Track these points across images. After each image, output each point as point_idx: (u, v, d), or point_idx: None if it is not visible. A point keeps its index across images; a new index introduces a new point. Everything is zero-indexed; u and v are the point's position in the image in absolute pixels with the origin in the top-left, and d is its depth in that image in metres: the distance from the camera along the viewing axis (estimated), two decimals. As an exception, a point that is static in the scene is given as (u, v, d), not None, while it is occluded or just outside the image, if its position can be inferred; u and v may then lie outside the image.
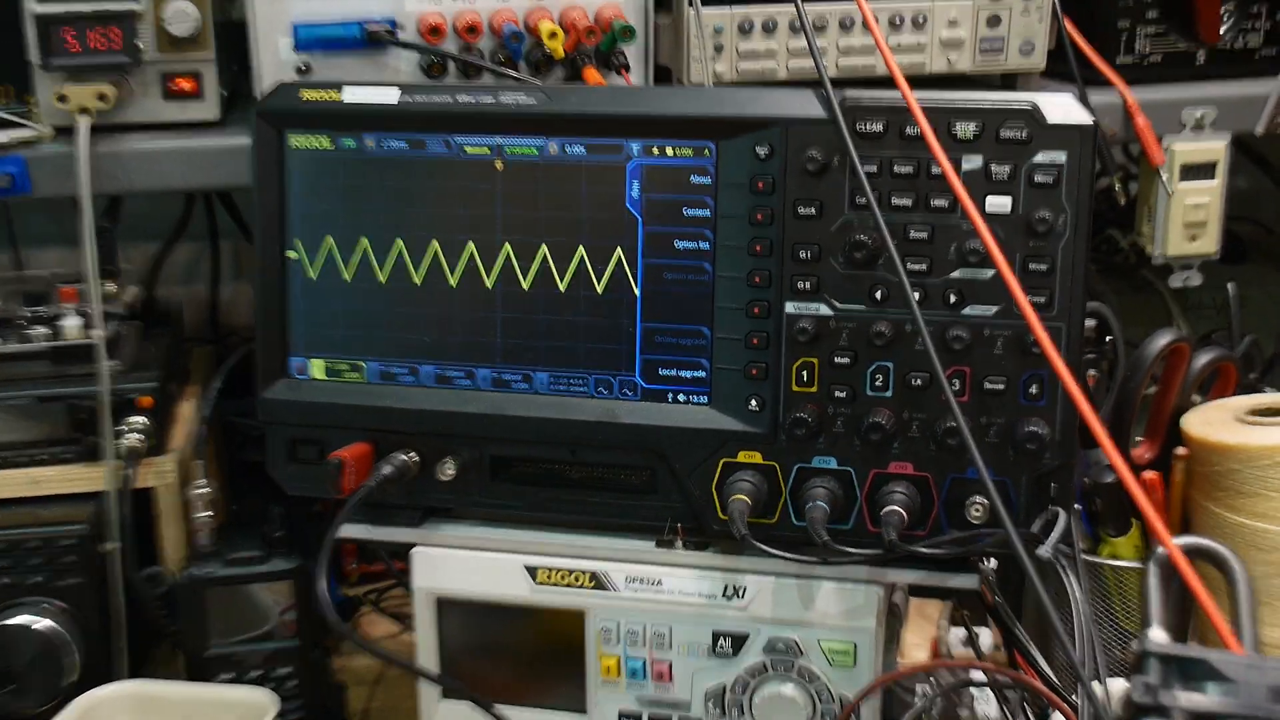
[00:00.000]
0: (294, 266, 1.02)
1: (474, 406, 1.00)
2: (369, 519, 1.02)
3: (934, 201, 0.90)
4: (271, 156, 1.01)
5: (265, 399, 1.02)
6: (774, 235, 0.93)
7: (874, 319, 0.92)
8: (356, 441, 1.00)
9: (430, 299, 1.00)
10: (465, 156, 0.98)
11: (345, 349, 1.02)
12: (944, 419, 0.91)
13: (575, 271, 0.97)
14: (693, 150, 0.94)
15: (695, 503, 0.97)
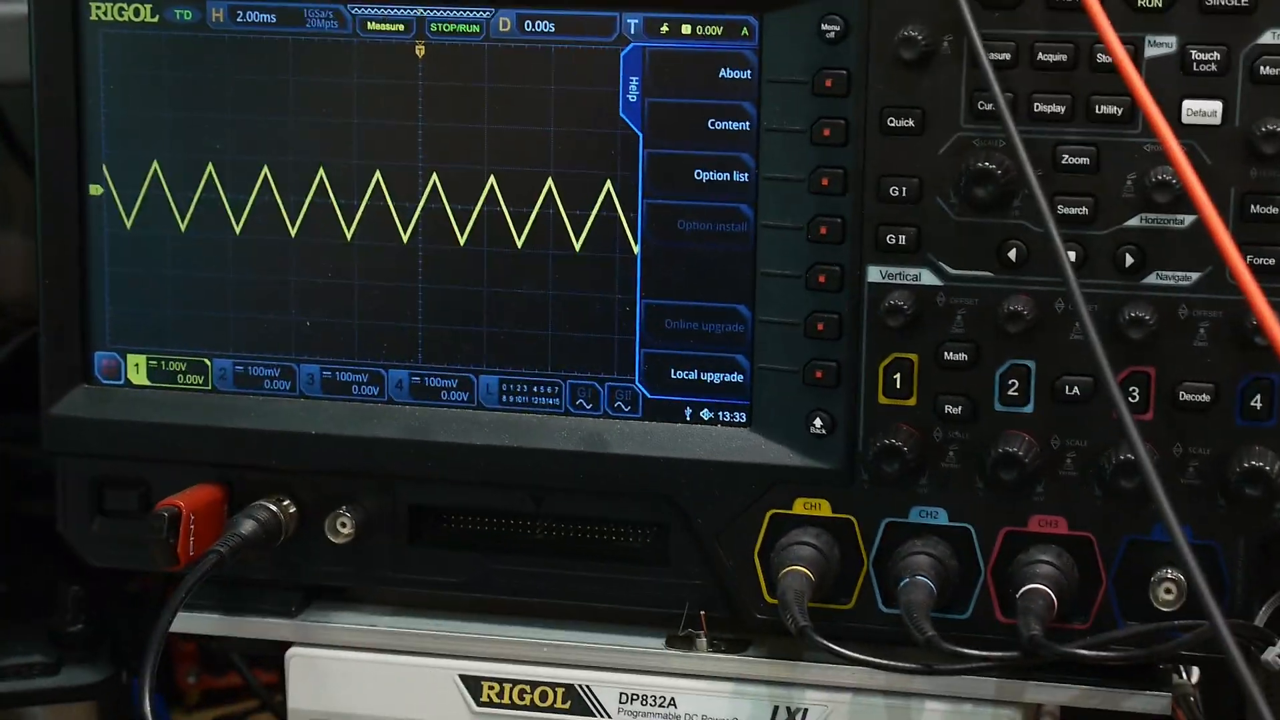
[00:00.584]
0: (99, 210, 1.03)
1: (383, 428, 1.01)
2: (219, 605, 1.04)
3: (1100, 108, 0.91)
4: (60, 34, 1.02)
5: (54, 416, 1.04)
6: (849, 162, 0.94)
7: (1006, 292, 0.94)
8: (200, 483, 1.02)
9: (313, 261, 1.02)
10: (367, 37, 1.00)
11: (180, 339, 1.04)
12: (1115, 449, 0.93)
13: (539, 219, 0.99)
14: (723, 27, 0.96)
15: (727, 578, 0.99)
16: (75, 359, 1.04)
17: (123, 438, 1.03)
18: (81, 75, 1.02)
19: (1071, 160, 0.92)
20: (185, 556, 0.98)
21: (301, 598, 1.04)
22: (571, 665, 1.00)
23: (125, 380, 1.04)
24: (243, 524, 1.00)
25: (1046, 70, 0.91)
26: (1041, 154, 0.92)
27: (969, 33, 0.91)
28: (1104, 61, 0.90)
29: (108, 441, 1.03)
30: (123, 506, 1.04)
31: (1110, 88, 0.91)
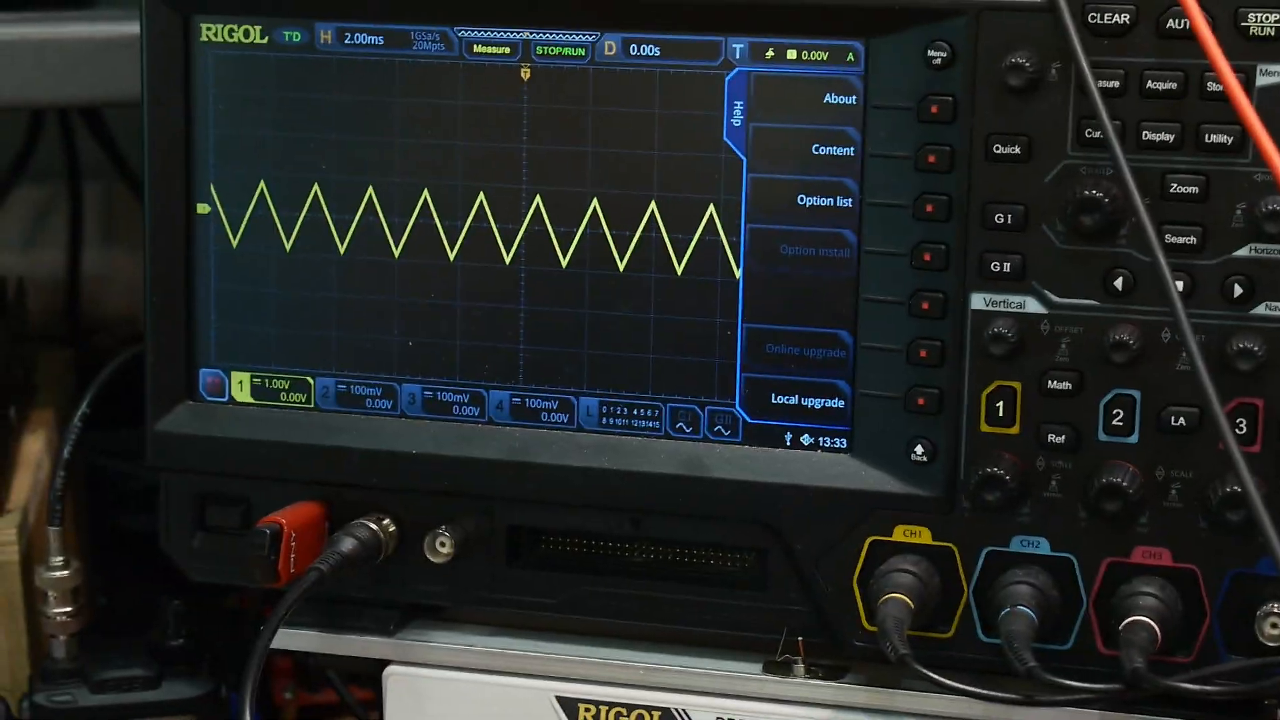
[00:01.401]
0: (206, 228, 1.04)
1: (483, 449, 1.02)
2: (318, 622, 1.05)
3: (1210, 137, 0.91)
4: (171, 56, 1.03)
5: (159, 433, 1.05)
6: (955, 188, 0.94)
7: (1112, 321, 0.93)
8: (300, 501, 1.03)
9: (416, 281, 1.02)
10: (472, 59, 1.00)
11: (284, 357, 1.05)
12: (1222, 480, 0.92)
13: (642, 241, 0.99)
14: (829, 52, 0.96)
15: (826, 604, 0.99)
16: (180, 376, 1.05)
17: (226, 454, 1.04)
18: (191, 96, 1.03)
19: (1180, 189, 0.91)
20: (286, 573, 0.99)
21: (400, 616, 1.05)
22: (668, 689, 1.00)
23: (229, 397, 1.05)
24: (343, 542, 1.00)
25: (1156, 98, 0.91)
26: (1150, 182, 0.91)
27: (1077, 60, 0.90)
28: (1214, 90, 0.90)
29: (211, 458, 1.04)
30: (224, 523, 1.05)
31: (1220, 116, 0.90)
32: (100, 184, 1.56)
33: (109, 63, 1.13)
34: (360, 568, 1.01)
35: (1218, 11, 0.89)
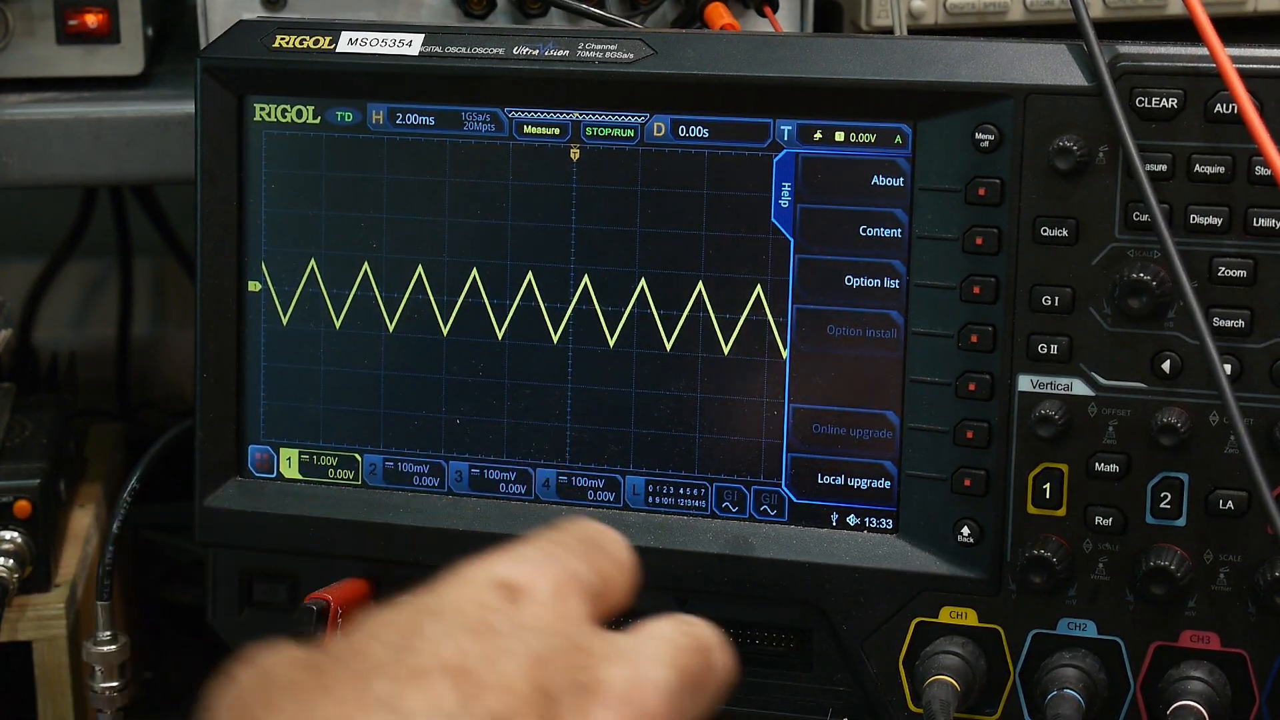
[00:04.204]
0: (256, 305, 1.05)
1: (529, 527, 1.00)
2: (363, 699, 1.05)
3: (1258, 220, 0.91)
4: (225, 134, 1.04)
5: (207, 508, 1.05)
6: (1002, 270, 0.94)
7: (1160, 404, 0.92)
8: (348, 578, 1.03)
9: (464, 359, 1.02)
10: (523, 140, 1.01)
11: (333, 434, 1.05)
12: (1271, 565, 0.91)
13: (689, 321, 0.99)
14: (876, 135, 0.96)
15: (871, 686, 0.98)
16: (230, 452, 1.05)
17: (273, 530, 1.04)
18: (243, 174, 1.04)
19: (1228, 273, 0.91)
20: (332, 650, 0.99)
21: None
22: (712, 769, 1.00)
23: (278, 474, 1.05)
24: (389, 619, 1.00)
25: (1203, 182, 0.91)
26: (1197, 266, 0.91)
27: (1125, 144, 0.90)
28: (1263, 174, 0.90)
29: (259, 534, 1.04)
30: (271, 598, 1.05)
31: (1268, 200, 0.90)
32: (151, 260, 1.57)
33: (163, 141, 1.14)
34: (406, 645, 1.00)
35: (1265, 96, 0.89)
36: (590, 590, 0.65)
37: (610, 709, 0.61)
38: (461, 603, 0.63)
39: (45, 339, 1.53)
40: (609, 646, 0.63)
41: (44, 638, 1.14)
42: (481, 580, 0.64)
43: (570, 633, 0.63)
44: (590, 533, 0.69)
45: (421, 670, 0.59)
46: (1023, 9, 1.15)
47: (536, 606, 0.63)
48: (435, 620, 0.62)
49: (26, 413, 1.23)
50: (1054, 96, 0.92)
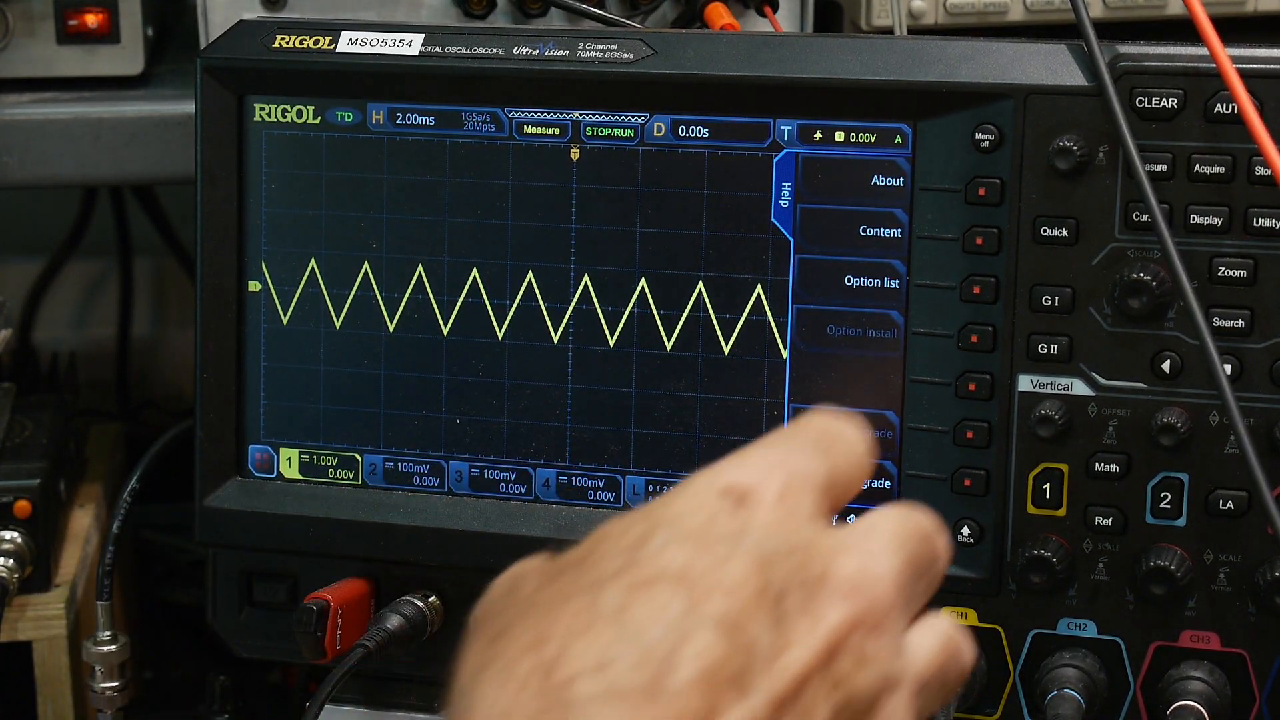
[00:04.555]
0: (256, 305, 1.05)
1: (529, 527, 1.01)
2: (364, 699, 1.04)
3: (1258, 221, 0.91)
4: (225, 135, 1.04)
5: (207, 508, 1.05)
6: (1002, 270, 0.94)
7: (1160, 404, 0.92)
8: (348, 577, 1.02)
9: (464, 359, 1.02)
10: (523, 140, 1.01)
11: (333, 434, 1.05)
12: (1271, 564, 0.91)
13: (689, 321, 0.99)
14: (876, 135, 0.96)
15: (871, 686, 0.98)
16: (230, 452, 1.05)
17: (274, 530, 1.04)
18: (243, 174, 1.04)
19: (1228, 273, 0.91)
20: (332, 650, 0.99)
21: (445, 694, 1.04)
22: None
23: (278, 474, 1.05)
24: (389, 619, 1.00)
25: (1204, 182, 0.91)
26: (1197, 266, 0.91)
27: (1125, 144, 0.90)
28: (1262, 174, 0.89)
29: (259, 534, 1.04)
30: (271, 598, 1.05)
31: (1268, 200, 0.90)
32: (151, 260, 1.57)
33: (163, 141, 1.14)
34: (406, 645, 1.00)
35: (1265, 96, 0.89)
36: (819, 487, 0.66)
37: (841, 600, 0.62)
38: (688, 511, 0.64)
39: (45, 339, 1.53)
40: (835, 540, 0.63)
41: (44, 638, 1.14)
42: (708, 488, 0.64)
43: (796, 532, 0.63)
44: (822, 428, 0.69)
45: (648, 580, 0.61)
46: (1023, 9, 1.15)
47: (763, 510, 0.64)
48: (663, 529, 0.63)
49: (26, 413, 1.23)
50: (1054, 96, 0.92)
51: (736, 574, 0.61)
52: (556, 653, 0.60)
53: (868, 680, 0.61)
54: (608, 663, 0.59)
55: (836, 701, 0.61)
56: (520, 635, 0.61)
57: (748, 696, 0.59)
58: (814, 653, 0.61)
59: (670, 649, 0.59)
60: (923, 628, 0.66)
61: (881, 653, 0.62)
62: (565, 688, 0.59)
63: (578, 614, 0.61)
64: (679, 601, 0.60)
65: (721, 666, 0.59)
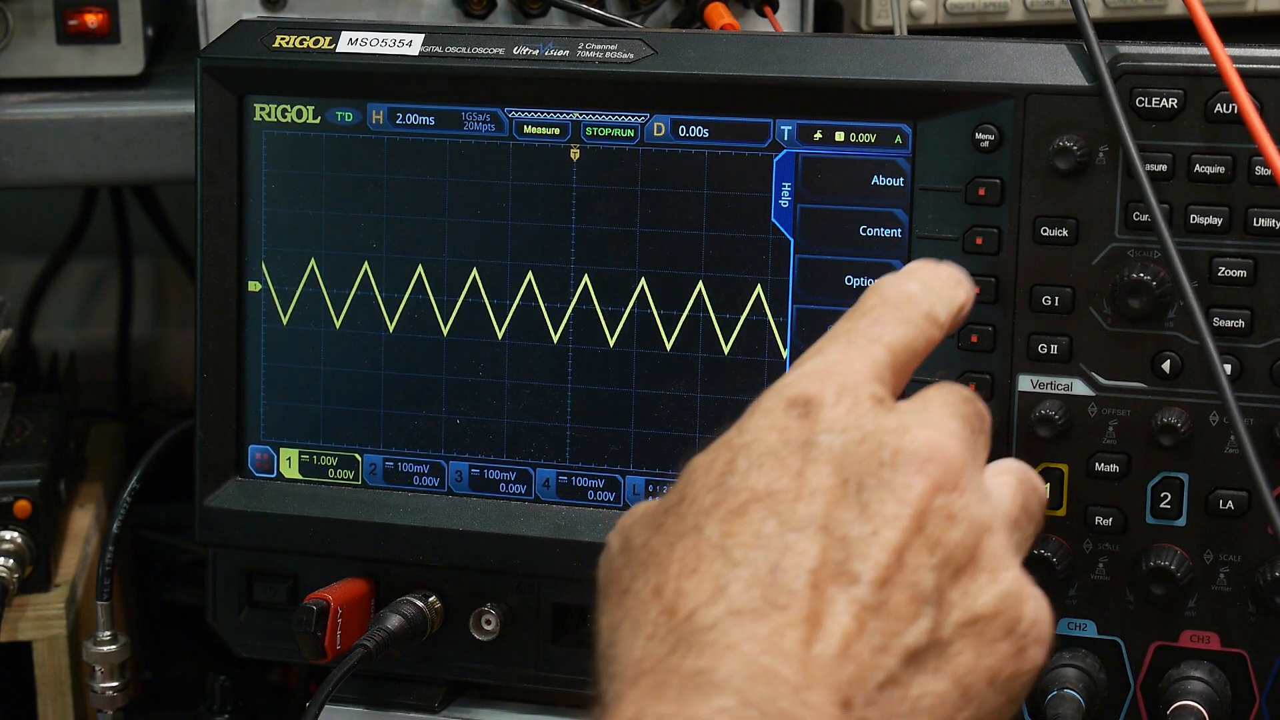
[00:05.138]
0: (256, 305, 1.05)
1: (529, 527, 1.01)
2: (364, 699, 1.04)
3: (1258, 220, 0.91)
4: (225, 135, 1.04)
5: (207, 508, 1.05)
6: (1003, 270, 0.94)
7: (1159, 404, 0.92)
8: (348, 577, 1.02)
9: (464, 360, 1.02)
10: (523, 140, 1.01)
11: (333, 434, 1.05)
12: (1271, 564, 0.91)
13: (689, 321, 0.99)
14: (876, 135, 0.96)
15: (872, 686, 0.98)
16: (230, 452, 1.05)
17: (274, 530, 1.04)
18: (243, 174, 1.04)
19: (1228, 273, 0.91)
20: (332, 650, 0.99)
21: (445, 694, 1.04)
22: (712, 769, 1.00)
23: (278, 474, 1.05)
24: (389, 619, 1.00)
25: (1204, 182, 0.91)
26: (1198, 266, 0.91)
27: (1125, 144, 0.90)
28: (1262, 174, 0.89)
29: (259, 534, 1.04)
30: (271, 598, 1.05)
31: (1268, 200, 0.90)
32: (151, 260, 1.57)
33: (163, 141, 1.14)
34: (406, 645, 1.00)
35: (1265, 96, 0.89)
36: (875, 374, 0.72)
37: (916, 471, 0.68)
38: (761, 431, 0.70)
39: (45, 339, 1.53)
40: (897, 422, 0.69)
41: (44, 638, 1.15)
42: (775, 405, 0.71)
43: (861, 425, 0.69)
44: (881, 302, 0.76)
45: (739, 506, 0.67)
46: (1023, 9, 1.15)
47: (828, 411, 0.70)
48: (742, 456, 0.69)
49: (26, 413, 1.23)
50: (1054, 96, 0.92)
51: (815, 478, 0.67)
52: (674, 593, 0.65)
53: (961, 533, 0.67)
54: (722, 589, 0.65)
55: (938, 560, 0.67)
56: (642, 588, 0.67)
57: (855, 582, 0.65)
58: (904, 524, 0.66)
59: (774, 562, 0.65)
60: (995, 472, 0.73)
61: (967, 506, 0.68)
62: (688, 620, 0.64)
63: (686, 555, 0.66)
64: (772, 518, 0.66)
65: (823, 564, 0.65)
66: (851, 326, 0.75)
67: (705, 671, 0.62)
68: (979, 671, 0.66)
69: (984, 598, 0.67)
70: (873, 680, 0.64)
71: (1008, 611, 0.68)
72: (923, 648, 0.65)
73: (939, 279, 0.78)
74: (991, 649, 0.67)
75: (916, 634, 0.65)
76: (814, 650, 0.64)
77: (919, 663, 0.65)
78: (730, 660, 0.63)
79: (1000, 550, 0.69)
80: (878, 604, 0.65)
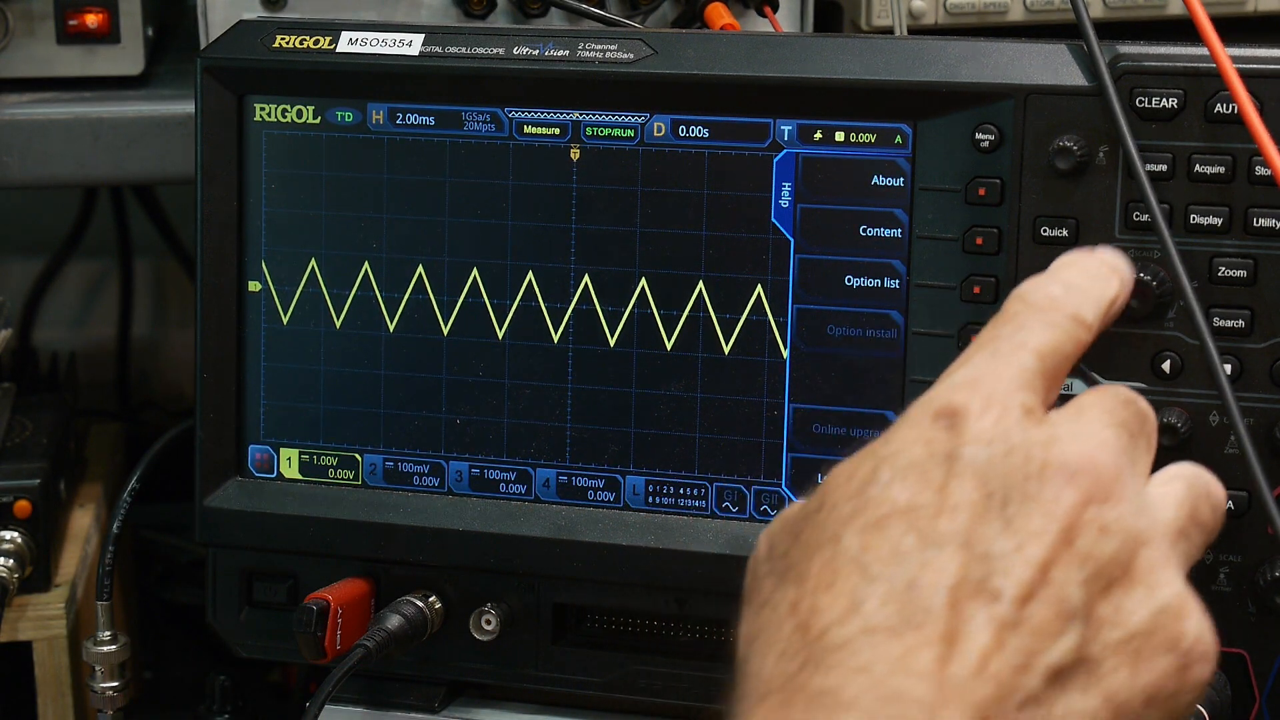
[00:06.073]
0: (256, 305, 1.05)
1: (529, 527, 1.02)
2: (364, 699, 1.04)
3: (1258, 220, 0.91)
4: (225, 135, 1.04)
5: (208, 508, 1.05)
6: (1003, 270, 0.94)
7: (1159, 404, 0.92)
8: (348, 577, 1.03)
9: (464, 360, 1.02)
10: (523, 140, 1.01)
11: (333, 434, 1.05)
12: (1271, 564, 0.91)
13: (690, 321, 0.99)
14: (876, 135, 0.96)
15: (872, 686, 0.98)
16: (230, 452, 1.05)
17: (274, 530, 1.04)
18: (244, 174, 1.04)
19: (1228, 273, 0.91)
20: (332, 650, 0.99)
21: (445, 694, 1.04)
22: (713, 769, 1.00)
23: (278, 474, 1.05)
24: (389, 619, 1.00)
25: (1204, 182, 0.91)
26: (1198, 266, 0.91)
27: (1125, 144, 0.90)
28: (1263, 174, 0.90)
29: (259, 534, 1.04)
30: (271, 598, 1.05)
31: (1268, 200, 0.90)
32: (151, 260, 1.57)
33: (163, 141, 1.14)
34: (406, 645, 1.00)
35: (1265, 96, 0.89)
36: (1025, 383, 0.69)
37: (1065, 484, 0.65)
38: (907, 443, 0.67)
39: (45, 339, 1.53)
40: (1047, 433, 0.67)
41: (44, 638, 1.14)
42: (921, 416, 0.68)
43: (1008, 437, 0.66)
44: (1028, 307, 0.73)
45: (880, 520, 0.65)
46: (1023, 9, 1.15)
47: (974, 422, 0.67)
48: (885, 467, 0.66)
49: (26, 413, 1.23)
50: (1054, 96, 0.92)
51: (958, 493, 0.65)
52: (809, 609, 0.64)
53: (1113, 546, 0.64)
54: (857, 605, 0.63)
55: (1088, 574, 0.64)
56: (779, 602, 0.65)
57: (996, 599, 0.62)
58: (1051, 539, 0.64)
59: (912, 578, 0.63)
60: (1162, 479, 0.70)
61: (1121, 519, 0.65)
62: (820, 639, 0.62)
63: (823, 568, 0.64)
64: (912, 533, 0.64)
65: (964, 581, 0.63)
66: (996, 334, 0.72)
67: (832, 691, 0.61)
68: (1135, 690, 0.64)
69: (1139, 614, 0.64)
70: (1013, 700, 0.61)
71: (1167, 628, 0.65)
72: (1069, 665, 0.63)
73: (1085, 276, 0.75)
74: (1150, 667, 0.64)
75: (1061, 651, 0.63)
76: (950, 669, 0.61)
77: (1065, 681, 0.63)
78: (859, 681, 0.61)
79: (1158, 563, 0.65)
80: (1019, 621, 0.62)
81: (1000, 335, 0.71)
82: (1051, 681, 0.62)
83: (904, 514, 0.64)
